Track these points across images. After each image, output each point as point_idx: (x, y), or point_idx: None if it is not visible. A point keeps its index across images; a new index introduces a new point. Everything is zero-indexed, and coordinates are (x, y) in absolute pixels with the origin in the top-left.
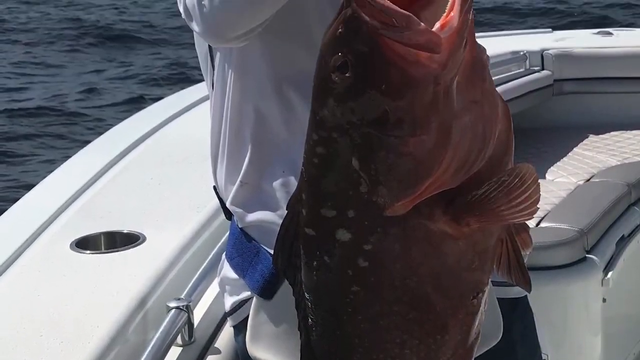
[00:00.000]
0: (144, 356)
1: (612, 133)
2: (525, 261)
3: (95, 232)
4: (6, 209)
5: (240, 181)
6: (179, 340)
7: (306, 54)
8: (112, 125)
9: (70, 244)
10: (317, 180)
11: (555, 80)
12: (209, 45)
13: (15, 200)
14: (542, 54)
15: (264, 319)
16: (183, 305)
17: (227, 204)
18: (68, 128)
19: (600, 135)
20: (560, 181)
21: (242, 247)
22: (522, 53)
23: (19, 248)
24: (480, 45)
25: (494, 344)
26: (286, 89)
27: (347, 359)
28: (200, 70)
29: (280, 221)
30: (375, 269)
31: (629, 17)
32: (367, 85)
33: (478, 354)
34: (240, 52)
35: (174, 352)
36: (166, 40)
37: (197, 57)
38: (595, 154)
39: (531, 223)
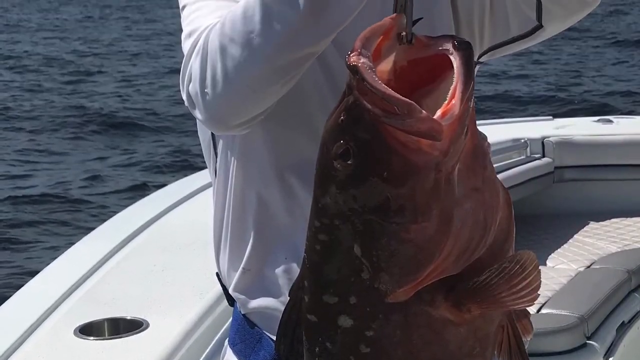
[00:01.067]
0: None
1: (613, 220)
2: (526, 347)
3: (98, 318)
4: (10, 296)
5: (243, 268)
6: None
7: (308, 141)
8: (115, 212)
9: (74, 330)
10: (319, 266)
11: (556, 168)
12: (212, 133)
13: (20, 286)
14: (542, 142)
15: None
16: None
17: (230, 291)
18: (72, 215)
19: (601, 222)
20: (561, 268)
21: (244, 333)
22: (523, 140)
23: (23, 334)
24: (481, 133)
25: None
26: (288, 176)
27: None
28: (203, 157)
29: (283, 308)
30: (377, 355)
31: (629, 105)
32: (369, 173)
33: None
34: (242, 140)
35: None
36: (169, 128)
37: (199, 144)
38: (596, 241)
39: (532, 309)
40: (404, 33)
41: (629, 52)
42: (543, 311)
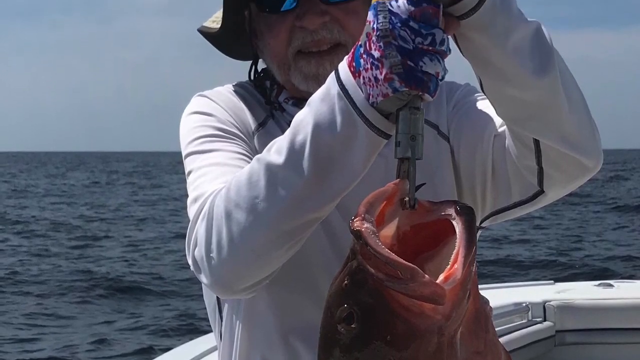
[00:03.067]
0: None
1: None
2: None
3: None
4: None
5: None
6: None
7: (312, 305)
8: None
9: None
10: None
11: (557, 331)
12: (217, 297)
13: None
14: (544, 306)
15: None
16: None
17: None
18: None
19: None
20: None
21: None
22: (524, 304)
23: None
24: (483, 297)
25: None
26: (293, 339)
27: None
28: (208, 321)
29: None
30: None
31: (630, 269)
32: (373, 336)
33: None
34: (247, 304)
35: None
36: (175, 292)
37: (205, 308)
38: None
39: None
40: (407, 198)
41: (629, 217)
42: None
